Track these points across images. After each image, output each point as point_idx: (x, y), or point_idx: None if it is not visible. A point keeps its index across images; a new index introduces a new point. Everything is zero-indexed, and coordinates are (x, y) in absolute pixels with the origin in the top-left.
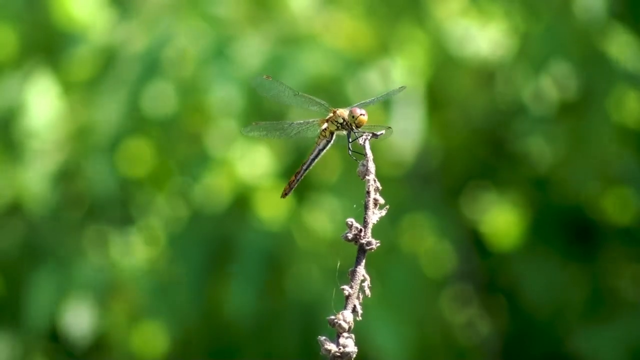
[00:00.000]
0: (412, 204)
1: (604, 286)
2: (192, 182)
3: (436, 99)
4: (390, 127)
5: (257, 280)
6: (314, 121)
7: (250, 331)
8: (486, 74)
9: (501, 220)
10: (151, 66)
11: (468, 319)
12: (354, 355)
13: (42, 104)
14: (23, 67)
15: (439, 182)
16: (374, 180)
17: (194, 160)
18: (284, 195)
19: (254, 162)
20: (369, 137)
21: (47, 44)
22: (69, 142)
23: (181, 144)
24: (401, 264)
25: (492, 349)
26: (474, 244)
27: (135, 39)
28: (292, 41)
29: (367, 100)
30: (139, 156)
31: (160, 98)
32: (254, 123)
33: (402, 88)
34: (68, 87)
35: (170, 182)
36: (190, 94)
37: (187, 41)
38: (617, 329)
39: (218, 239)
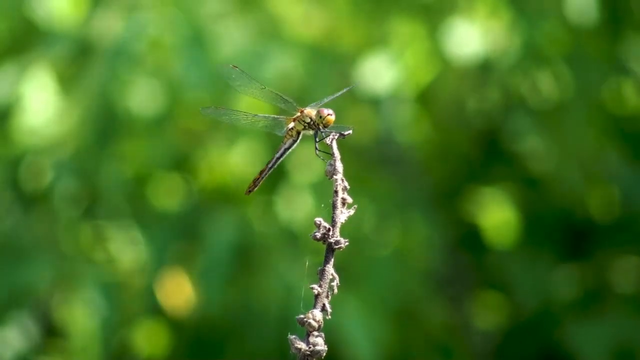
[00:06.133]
0: (404, 202)
1: (597, 283)
2: (181, 175)
3: (429, 96)
4: (353, 127)
5: (225, 272)
6: (280, 118)
7: (227, 326)
8: (479, 71)
9: (494, 218)
10: (126, 56)
11: (461, 318)
12: (324, 354)
13: (38, 98)
14: (14, 58)
15: (431, 180)
16: (342, 180)
17: (182, 153)
18: (248, 192)
19: (235, 157)
20: (336, 137)
21: (34, 37)
22: (59, 136)
23: (168, 139)
24: (389, 262)
25: (486, 348)
26: (468, 242)
27: (110, 31)
28: (270, 35)
29: (326, 99)
30: (124, 154)
31: (139, 93)
32: (213, 107)
33: (353, 85)
34: (59, 82)
35: (153, 178)
36: (170, 88)
37: (162, 29)
38: (609, 324)
39: (188, 233)
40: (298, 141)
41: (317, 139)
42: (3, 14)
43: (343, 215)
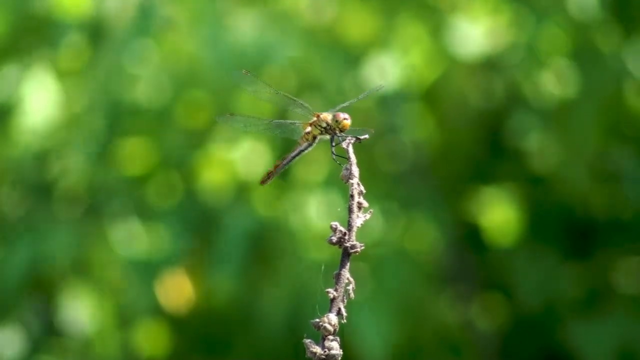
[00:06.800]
0: (408, 200)
1: (600, 282)
2: (185, 172)
3: (433, 94)
4: (372, 130)
5: (239, 260)
6: (297, 123)
7: (234, 322)
8: (483, 69)
9: (498, 216)
10: (136, 43)
11: (465, 316)
12: (339, 358)
13: (39, 99)
14: (16, 58)
15: (435, 179)
16: (358, 184)
17: (189, 149)
18: (262, 182)
19: (247, 152)
20: (352, 141)
21: (37, 33)
22: (63, 133)
23: (176, 135)
24: (395, 260)
25: (490, 347)
26: (471, 240)
27: (121, 16)
28: (278, 26)
29: (346, 103)
30: (130, 148)
31: (151, 86)
32: (228, 114)
33: (380, 87)
34: (62, 76)
35: (161, 173)
36: (183, 83)
37: (175, 11)
38: (612, 325)
39: (204, 221)
40: (314, 145)
41: (334, 144)
42: (5, 10)
43: (359, 219)
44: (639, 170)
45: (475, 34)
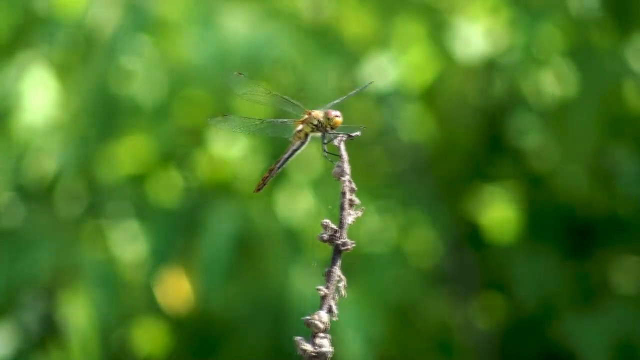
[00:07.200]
0: (406, 199)
1: (599, 281)
2: (182, 170)
3: (432, 93)
4: (364, 127)
5: (226, 263)
6: (288, 122)
7: (227, 322)
8: (483, 67)
9: (497, 215)
10: (127, 41)
11: (464, 316)
12: (330, 355)
13: (37, 96)
14: (14, 55)
15: (434, 178)
16: (349, 181)
17: (186, 147)
18: (257, 189)
19: (245, 149)
20: (344, 138)
21: (35, 30)
22: (60, 131)
23: (173, 133)
24: (390, 259)
25: (488, 346)
26: (470, 239)
27: (112, 16)
28: (273, 23)
29: (337, 100)
30: (127, 146)
31: (140, 82)
32: (221, 115)
33: (369, 82)
34: (59, 74)
35: (158, 171)
36: (179, 81)
37: (167, 10)
38: (610, 324)
39: (189, 228)
40: (307, 143)
41: (325, 141)
42: (6, 8)
43: (350, 216)
44: (638, 169)
45: (474, 34)
